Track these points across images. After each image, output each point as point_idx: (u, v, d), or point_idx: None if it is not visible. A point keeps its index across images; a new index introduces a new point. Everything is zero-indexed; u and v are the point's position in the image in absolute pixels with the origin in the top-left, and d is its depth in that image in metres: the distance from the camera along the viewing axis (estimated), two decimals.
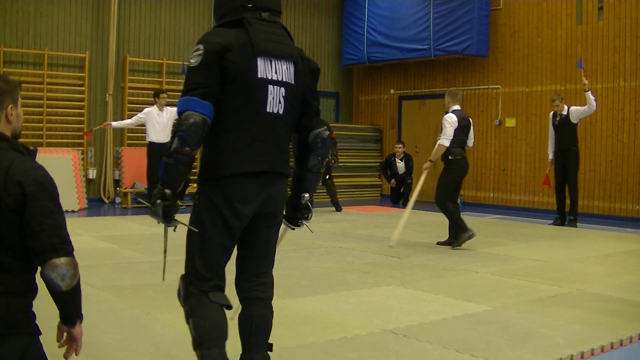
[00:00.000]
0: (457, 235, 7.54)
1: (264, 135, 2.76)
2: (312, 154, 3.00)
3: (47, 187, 2.19)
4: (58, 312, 2.27)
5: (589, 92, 9.49)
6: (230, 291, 2.90)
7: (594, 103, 9.48)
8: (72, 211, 10.69)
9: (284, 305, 4.83)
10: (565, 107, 9.84)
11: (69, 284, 2.17)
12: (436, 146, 7.52)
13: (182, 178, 2.65)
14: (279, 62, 2.78)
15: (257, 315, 2.87)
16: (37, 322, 2.26)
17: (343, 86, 15.57)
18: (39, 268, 2.19)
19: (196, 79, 2.65)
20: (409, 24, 13.44)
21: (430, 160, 7.67)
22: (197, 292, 2.74)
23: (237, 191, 2.71)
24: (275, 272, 3.01)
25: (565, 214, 10.00)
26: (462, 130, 7.49)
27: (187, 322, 2.77)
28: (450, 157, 7.55)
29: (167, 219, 2.65)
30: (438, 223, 10.03)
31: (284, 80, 2.80)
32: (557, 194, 10.06)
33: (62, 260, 2.15)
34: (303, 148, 3.01)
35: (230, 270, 2.89)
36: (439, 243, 7.81)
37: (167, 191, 2.62)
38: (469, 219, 10.87)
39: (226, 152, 2.71)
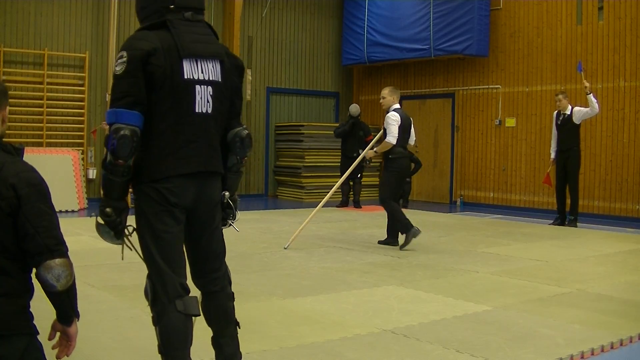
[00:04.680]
0: (406, 236, 7.39)
1: (196, 135, 2.79)
2: (231, 154, 3.01)
3: (40, 189, 2.20)
4: (55, 311, 2.28)
5: (591, 94, 9.50)
6: None
7: (596, 106, 9.47)
8: (72, 211, 10.70)
9: (284, 305, 4.83)
10: (569, 107, 9.82)
11: (64, 284, 2.19)
12: (383, 143, 7.51)
13: (122, 188, 2.73)
14: (205, 62, 2.80)
15: (215, 307, 2.97)
16: (35, 322, 2.26)
17: (343, 86, 15.58)
18: (34, 269, 2.20)
19: (122, 87, 2.68)
20: (409, 24, 13.44)
21: (375, 151, 7.68)
22: (164, 299, 2.75)
23: (172, 192, 2.74)
24: (276, 272, 3.02)
25: (566, 214, 9.99)
26: (403, 130, 7.47)
27: (154, 325, 2.81)
28: (390, 156, 7.48)
29: (117, 235, 2.79)
30: (438, 223, 10.04)
31: (211, 79, 2.81)
32: (558, 193, 10.06)
33: (57, 261, 2.16)
34: (222, 147, 2.99)
35: None
36: (380, 242, 7.71)
37: (108, 209, 2.73)
38: (469, 218, 10.90)
39: (159, 155, 2.74)
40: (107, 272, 5.77)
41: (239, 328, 3.07)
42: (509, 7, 12.67)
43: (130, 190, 2.84)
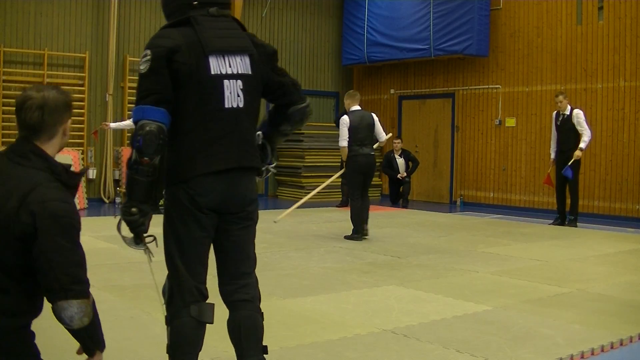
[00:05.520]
0: (352, 235, 8.11)
1: (226, 131, 2.73)
2: (286, 123, 3.02)
3: (63, 223, 2.07)
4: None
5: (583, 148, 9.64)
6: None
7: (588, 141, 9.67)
8: None
9: (284, 305, 4.83)
10: (569, 107, 9.82)
11: (78, 325, 2.09)
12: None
13: (147, 189, 2.62)
14: (233, 56, 2.75)
15: (244, 318, 2.82)
16: (37, 320, 2.23)
17: (343, 86, 15.56)
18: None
19: (147, 85, 2.62)
20: (409, 24, 13.44)
21: (343, 161, 8.40)
22: (180, 302, 2.72)
23: (202, 189, 2.68)
24: (276, 272, 3.01)
25: (566, 214, 9.99)
26: (355, 130, 8.01)
27: (166, 325, 2.78)
28: (348, 155, 8.09)
29: (136, 239, 2.66)
30: (438, 223, 10.05)
31: (240, 72, 2.76)
32: (558, 194, 10.05)
33: (71, 302, 2.05)
34: (279, 117, 3.01)
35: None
36: (346, 237, 8.16)
37: (134, 209, 2.61)
38: (469, 218, 10.90)
39: (189, 154, 2.69)
40: (107, 272, 5.77)
41: (266, 354, 2.87)
42: (509, 7, 12.67)
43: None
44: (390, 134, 11.17)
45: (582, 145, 9.58)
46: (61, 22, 11.72)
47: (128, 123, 10.67)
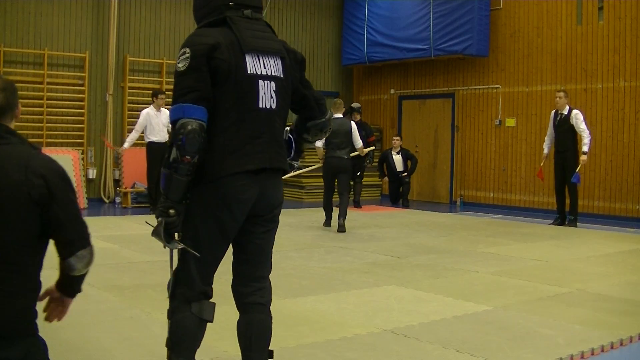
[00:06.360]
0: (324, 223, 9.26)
1: (259, 131, 2.73)
2: (306, 134, 3.11)
3: (67, 180, 2.24)
4: (59, 281, 2.35)
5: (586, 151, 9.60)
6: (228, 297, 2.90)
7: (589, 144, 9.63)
8: None
9: (284, 305, 4.83)
10: (567, 107, 9.81)
11: (87, 270, 2.28)
12: None
13: (185, 188, 2.61)
14: (267, 58, 2.78)
15: (257, 322, 2.83)
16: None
17: (343, 86, 15.57)
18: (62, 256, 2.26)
19: (186, 83, 2.60)
20: (409, 24, 13.44)
21: (320, 159, 9.66)
22: (183, 297, 2.73)
23: (234, 190, 2.67)
24: (276, 272, 3.00)
25: (565, 214, 9.99)
26: (332, 134, 8.54)
27: (167, 319, 2.79)
28: (325, 157, 9.27)
29: (167, 238, 2.64)
30: (438, 223, 10.05)
31: (274, 74, 2.79)
32: (557, 194, 10.06)
33: (88, 249, 2.24)
34: (301, 127, 3.11)
35: (222, 271, 2.89)
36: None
37: (172, 211, 2.59)
38: (469, 218, 10.90)
39: (222, 153, 2.66)
40: (107, 272, 5.76)
41: (272, 359, 2.90)
42: (509, 7, 12.67)
43: None
44: (373, 148, 11.61)
45: (584, 148, 9.55)
46: (61, 22, 11.72)
47: (135, 136, 10.62)
